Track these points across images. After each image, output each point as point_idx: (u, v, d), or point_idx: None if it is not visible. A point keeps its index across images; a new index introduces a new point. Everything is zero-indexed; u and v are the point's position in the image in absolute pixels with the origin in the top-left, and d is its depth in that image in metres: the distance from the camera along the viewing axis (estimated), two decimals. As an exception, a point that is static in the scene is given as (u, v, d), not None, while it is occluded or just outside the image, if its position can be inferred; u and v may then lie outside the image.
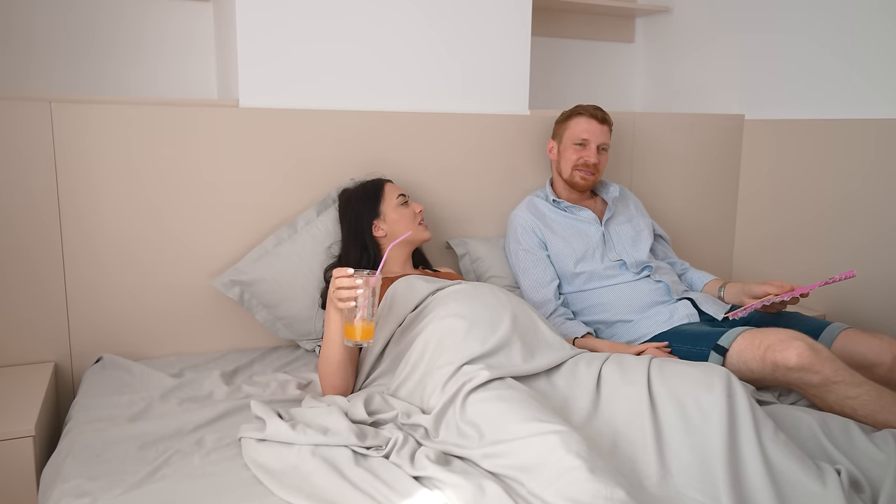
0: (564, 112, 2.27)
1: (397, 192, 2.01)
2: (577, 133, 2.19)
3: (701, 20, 2.90)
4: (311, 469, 1.28)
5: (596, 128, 2.18)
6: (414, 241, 1.99)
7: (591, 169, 2.18)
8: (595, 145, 2.18)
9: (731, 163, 2.78)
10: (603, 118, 2.20)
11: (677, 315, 1.98)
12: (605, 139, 2.20)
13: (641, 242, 2.21)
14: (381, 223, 1.98)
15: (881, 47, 2.28)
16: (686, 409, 1.34)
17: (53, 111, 1.83)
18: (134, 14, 2.31)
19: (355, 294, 1.46)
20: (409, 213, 1.99)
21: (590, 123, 2.19)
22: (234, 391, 1.74)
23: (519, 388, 1.41)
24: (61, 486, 1.29)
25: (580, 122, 2.20)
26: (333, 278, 1.50)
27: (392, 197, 2.00)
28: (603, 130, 2.19)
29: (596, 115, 2.19)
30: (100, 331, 1.94)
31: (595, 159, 2.17)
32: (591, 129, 2.18)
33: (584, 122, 2.19)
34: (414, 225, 1.98)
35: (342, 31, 2.13)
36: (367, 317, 1.48)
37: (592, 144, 2.18)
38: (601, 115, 2.20)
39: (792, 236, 2.61)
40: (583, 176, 2.18)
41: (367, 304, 1.47)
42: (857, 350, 1.76)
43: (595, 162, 2.17)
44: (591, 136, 2.18)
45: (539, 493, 1.15)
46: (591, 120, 2.19)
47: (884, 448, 1.36)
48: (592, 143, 2.18)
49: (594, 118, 2.19)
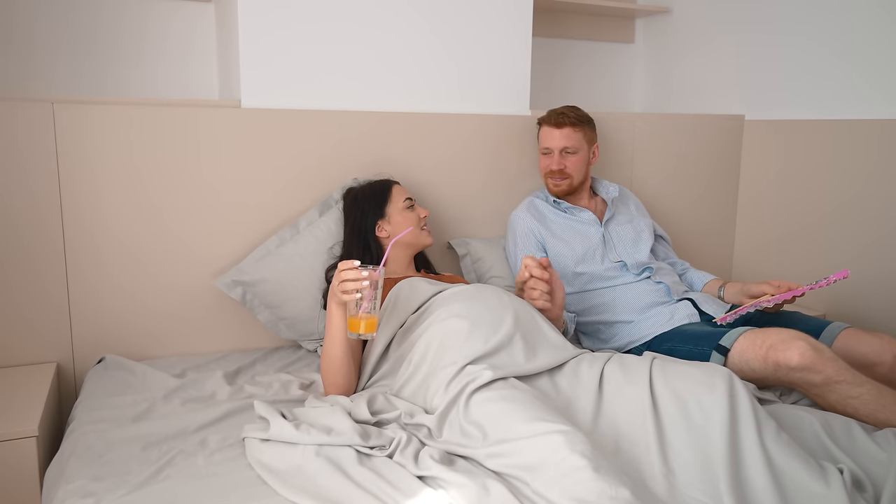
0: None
1: (405, 195, 2.02)
2: (542, 142, 2.24)
3: (701, 21, 2.90)
4: (316, 469, 1.29)
5: (555, 133, 2.19)
6: (415, 244, 1.99)
7: (558, 175, 2.20)
8: (557, 151, 2.19)
9: (732, 163, 2.79)
10: (558, 122, 2.19)
11: (678, 315, 1.98)
12: (566, 142, 2.18)
13: (642, 243, 2.21)
14: (386, 224, 1.98)
15: (882, 47, 2.29)
16: (688, 409, 1.35)
17: (56, 112, 1.83)
18: (135, 14, 2.31)
19: (361, 285, 1.47)
20: (414, 217, 1.99)
21: (550, 132, 2.21)
22: (236, 391, 1.74)
23: (522, 388, 1.41)
24: (65, 486, 1.30)
25: (543, 131, 2.24)
26: (338, 271, 1.51)
27: (399, 199, 2.00)
28: (563, 134, 2.18)
29: (551, 121, 2.21)
30: (102, 331, 1.94)
31: (557, 165, 2.18)
32: (550, 136, 2.20)
33: (546, 131, 2.23)
34: (417, 229, 1.99)
35: (344, 32, 2.13)
36: (371, 309, 1.50)
37: (554, 151, 2.19)
38: (557, 119, 2.19)
39: (792, 237, 2.62)
40: (554, 182, 2.21)
41: (372, 297, 1.49)
42: (857, 349, 1.77)
43: (559, 168, 2.18)
44: (551, 143, 2.20)
45: (544, 492, 1.16)
46: (549, 128, 2.21)
47: (885, 447, 1.37)
48: (554, 149, 2.19)
49: (550, 125, 2.21)
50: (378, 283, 1.50)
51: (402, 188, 2.05)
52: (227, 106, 2.02)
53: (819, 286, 1.81)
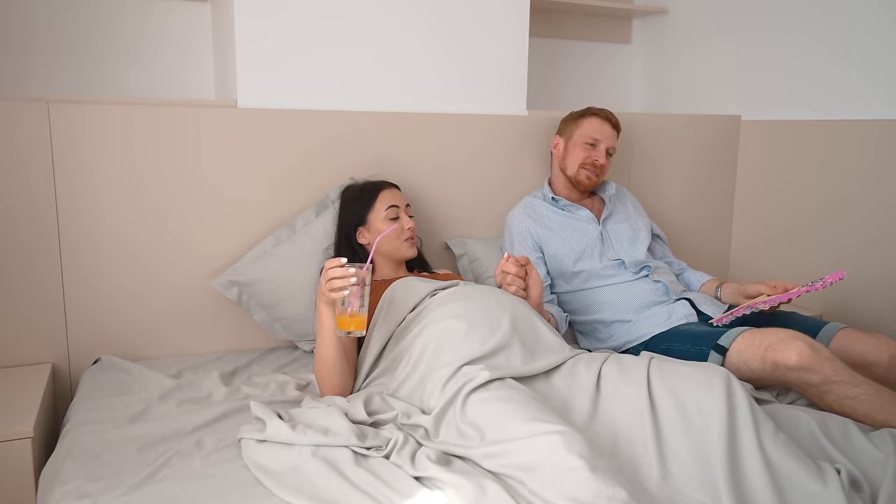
0: (575, 111, 2.29)
1: (390, 202, 1.96)
2: (588, 132, 2.21)
3: (697, 21, 2.90)
4: (312, 470, 1.28)
5: (608, 130, 2.22)
6: (394, 254, 1.95)
7: (598, 170, 2.20)
8: (604, 147, 2.20)
9: (728, 163, 2.79)
10: (615, 123, 2.24)
11: (676, 315, 1.98)
12: (613, 143, 2.23)
13: (639, 241, 2.21)
14: (366, 231, 1.97)
15: (879, 48, 2.29)
16: (686, 410, 1.35)
17: (51, 111, 1.83)
18: (133, 14, 2.31)
19: (348, 283, 1.46)
20: (398, 228, 1.93)
21: (603, 125, 2.22)
22: (233, 392, 1.74)
23: (519, 388, 1.41)
24: (61, 487, 1.29)
25: (593, 122, 2.22)
26: (325, 269, 1.50)
27: (382, 207, 1.95)
28: (613, 134, 2.23)
29: (610, 119, 2.23)
30: (98, 332, 1.94)
31: (603, 160, 2.20)
32: (603, 130, 2.21)
33: (598, 123, 2.22)
34: (399, 241, 1.93)
35: (341, 32, 2.13)
36: (359, 308, 1.50)
37: (602, 146, 2.20)
38: (614, 119, 2.25)
39: (788, 237, 2.62)
40: (588, 175, 2.20)
41: (360, 294, 1.49)
42: (854, 349, 1.77)
43: (603, 163, 2.20)
44: (602, 137, 2.20)
45: (540, 492, 1.15)
46: (605, 122, 2.22)
47: (882, 447, 1.37)
48: (603, 144, 2.20)
49: (608, 121, 2.23)
50: (365, 281, 1.50)
51: (391, 194, 1.99)
52: (224, 106, 2.02)
53: (815, 289, 1.81)
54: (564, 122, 2.30)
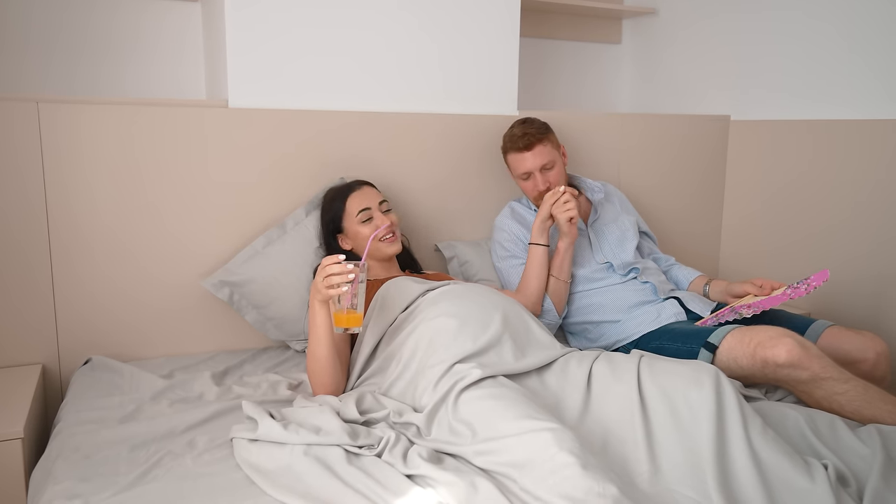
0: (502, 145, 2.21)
1: (361, 205, 1.93)
2: (515, 170, 2.14)
3: (687, 21, 2.92)
4: (304, 469, 1.28)
5: (527, 157, 2.09)
6: (377, 255, 1.93)
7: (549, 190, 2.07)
8: (537, 172, 2.09)
9: (717, 163, 2.81)
10: (526, 144, 2.08)
11: (665, 314, 1.99)
12: (542, 160, 2.08)
13: (627, 242, 2.21)
14: (346, 238, 1.98)
15: (868, 48, 2.31)
16: (676, 407, 1.36)
17: (41, 111, 1.82)
18: (122, 14, 2.30)
19: (347, 278, 1.47)
20: (371, 229, 1.90)
21: (519, 157, 2.10)
22: (224, 392, 1.73)
23: (511, 386, 1.41)
24: (52, 488, 1.29)
25: (512, 159, 2.14)
26: (322, 266, 1.51)
27: (353, 212, 1.93)
28: (535, 154, 2.08)
29: (518, 146, 2.09)
30: (88, 333, 1.93)
31: (544, 185, 2.08)
32: (522, 161, 2.10)
33: (515, 158, 2.12)
34: (375, 241, 1.90)
35: (332, 32, 2.13)
36: (356, 305, 1.51)
37: (535, 174, 2.10)
38: (523, 142, 2.08)
39: (777, 236, 2.64)
40: None
41: (355, 291, 1.50)
42: (841, 347, 1.79)
43: (548, 185, 2.08)
44: (526, 167, 2.10)
45: (532, 489, 1.16)
46: (517, 153, 2.10)
47: (868, 443, 1.38)
48: (534, 171, 2.10)
49: (518, 150, 2.10)
50: (362, 278, 1.51)
51: (360, 195, 1.96)
52: (215, 106, 2.02)
53: (799, 294, 1.83)
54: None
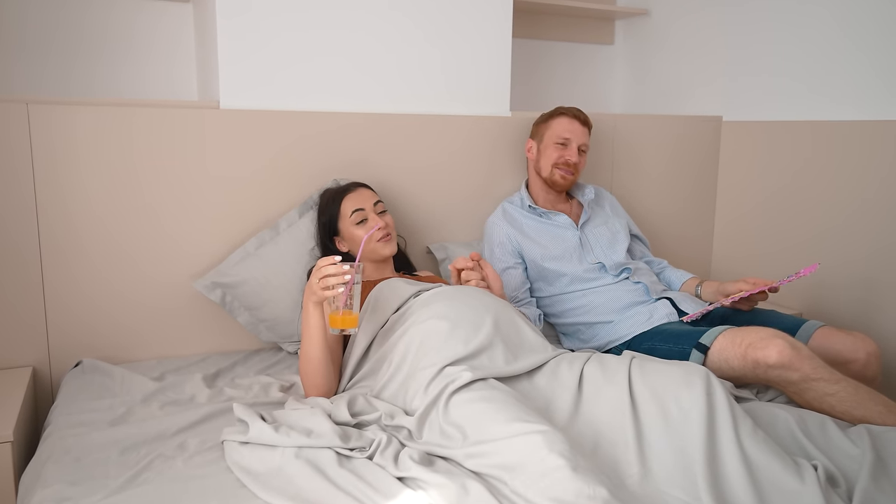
0: (545, 113, 2.30)
1: (354, 206, 1.94)
2: (558, 132, 2.22)
3: (679, 22, 2.93)
4: (295, 471, 1.28)
5: (578, 128, 2.22)
6: (371, 256, 1.94)
7: (572, 168, 2.20)
8: (576, 145, 2.21)
9: (710, 164, 2.82)
10: (584, 120, 2.25)
11: (657, 315, 2.00)
12: (585, 140, 2.24)
13: (618, 244, 2.23)
14: (342, 240, 1.99)
15: (859, 49, 2.32)
16: (666, 408, 1.36)
17: (30, 112, 1.81)
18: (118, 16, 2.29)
19: (344, 279, 1.47)
20: (367, 230, 1.91)
21: (572, 123, 2.22)
22: (216, 394, 1.73)
23: (502, 388, 1.41)
24: (41, 491, 1.28)
25: (562, 122, 2.23)
26: (318, 267, 1.51)
27: (347, 214, 1.94)
28: (584, 132, 2.24)
29: (578, 116, 2.24)
30: (79, 335, 1.92)
31: (576, 158, 2.21)
32: (573, 128, 2.22)
33: (567, 122, 2.23)
34: (371, 242, 1.91)
35: (324, 33, 2.13)
36: (352, 306, 1.51)
37: (574, 144, 2.21)
38: (583, 116, 2.25)
39: (769, 236, 2.65)
40: (563, 175, 2.20)
41: (353, 292, 1.50)
42: (832, 347, 1.80)
43: (576, 161, 2.20)
44: (572, 135, 2.21)
45: (522, 492, 1.16)
46: (574, 120, 2.23)
47: (858, 443, 1.39)
48: (574, 142, 2.21)
49: (576, 119, 2.23)
50: (356, 279, 1.51)
51: (354, 197, 1.97)
52: (206, 107, 2.01)
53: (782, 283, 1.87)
54: (536, 124, 2.32)
